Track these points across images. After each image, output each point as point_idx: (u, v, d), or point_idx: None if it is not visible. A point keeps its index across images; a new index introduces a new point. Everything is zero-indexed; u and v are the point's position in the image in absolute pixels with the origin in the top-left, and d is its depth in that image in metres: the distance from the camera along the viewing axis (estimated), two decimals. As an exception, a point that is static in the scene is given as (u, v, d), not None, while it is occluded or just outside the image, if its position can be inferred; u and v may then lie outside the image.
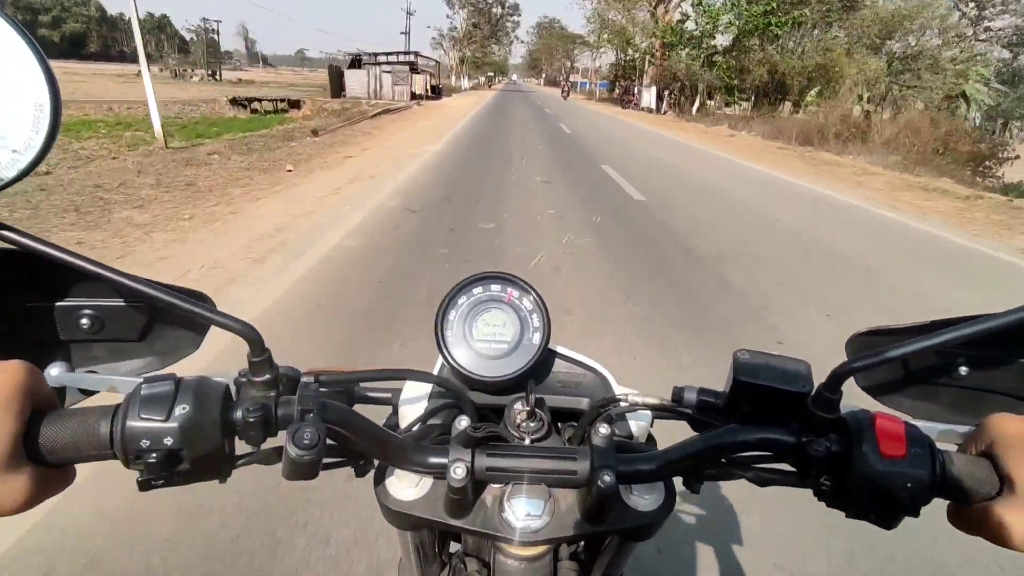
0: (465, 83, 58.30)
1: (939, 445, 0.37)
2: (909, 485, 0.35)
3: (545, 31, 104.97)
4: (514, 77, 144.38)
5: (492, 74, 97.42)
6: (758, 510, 1.69)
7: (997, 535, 0.34)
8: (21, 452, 0.31)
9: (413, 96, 27.24)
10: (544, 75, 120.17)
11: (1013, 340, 0.45)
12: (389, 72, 27.48)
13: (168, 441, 0.33)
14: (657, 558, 1.54)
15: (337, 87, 26.39)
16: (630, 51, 36.56)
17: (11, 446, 0.30)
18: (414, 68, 28.69)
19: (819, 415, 0.38)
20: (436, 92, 32.27)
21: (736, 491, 1.72)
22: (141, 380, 0.35)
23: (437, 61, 41.15)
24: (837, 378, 0.37)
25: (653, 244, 4.61)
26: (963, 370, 0.46)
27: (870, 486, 0.36)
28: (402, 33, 46.27)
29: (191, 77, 52.30)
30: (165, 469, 0.34)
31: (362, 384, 0.51)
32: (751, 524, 1.66)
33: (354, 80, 27.27)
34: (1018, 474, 0.33)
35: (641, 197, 6.44)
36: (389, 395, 0.51)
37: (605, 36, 40.34)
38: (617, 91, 38.91)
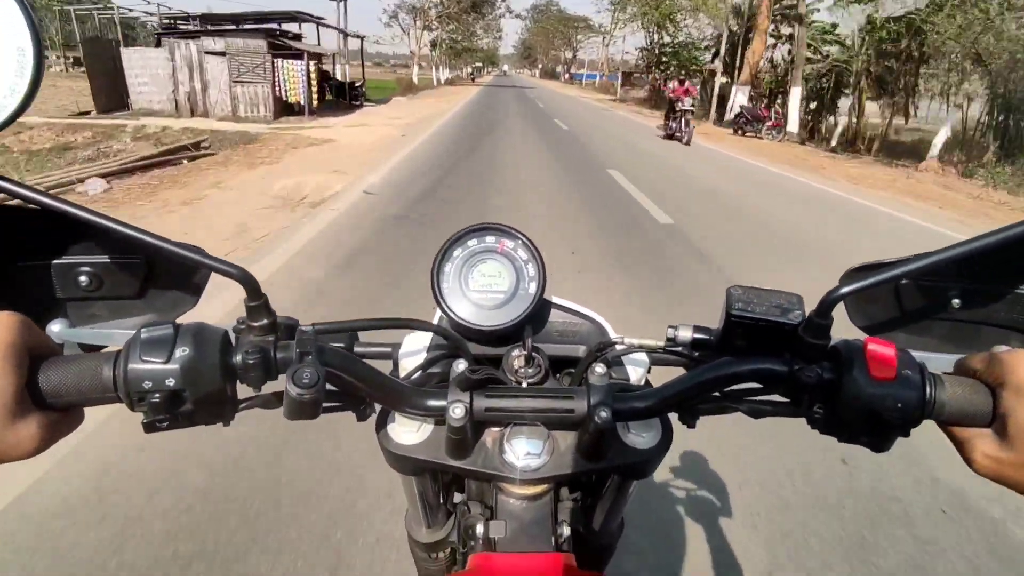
0: (441, 75, 42.60)
1: (932, 370, 0.38)
2: (899, 406, 0.35)
3: (541, 14, 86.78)
4: (505, 68, 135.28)
5: (480, 64, 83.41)
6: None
7: (975, 463, 0.35)
8: (26, 400, 0.32)
9: (284, 106, 13.03)
10: (540, 66, 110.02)
11: (1000, 270, 0.45)
12: (224, 56, 12.43)
13: (170, 382, 0.34)
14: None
15: (110, 89, 12.53)
16: (671, 29, 27.10)
17: (14, 396, 0.31)
18: (278, 47, 12.85)
19: (811, 342, 0.38)
20: (350, 95, 16.69)
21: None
22: (140, 327, 0.36)
23: (358, 37, 21.82)
24: (827, 304, 0.37)
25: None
26: (955, 302, 0.47)
27: (861, 409, 0.36)
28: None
29: None
30: (169, 410, 0.34)
31: (362, 340, 0.52)
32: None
33: (144, 72, 12.70)
34: (1016, 415, 0.33)
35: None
36: (388, 349, 0.52)
37: (631, 10, 31.13)
38: (658, 88, 22.96)
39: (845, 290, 0.37)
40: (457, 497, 0.57)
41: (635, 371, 0.50)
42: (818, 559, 1.52)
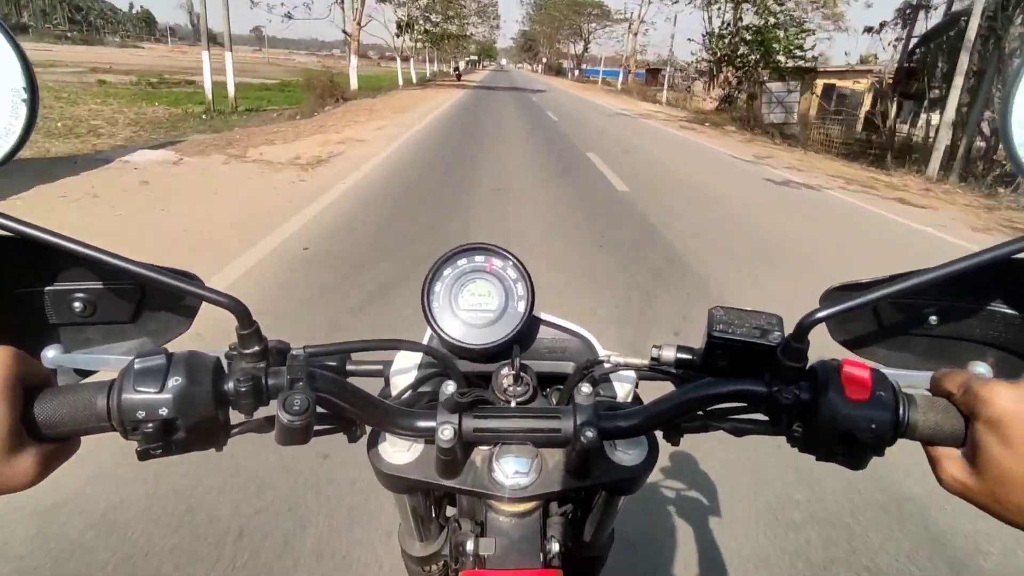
0: (414, 71, 29.61)
1: (909, 390, 0.39)
2: (873, 426, 0.37)
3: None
4: (503, 62, 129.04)
5: (474, 57, 74.81)
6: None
7: (944, 480, 0.37)
8: (22, 432, 0.33)
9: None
10: (544, 60, 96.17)
11: (979, 288, 0.46)
12: None
13: (163, 411, 0.34)
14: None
15: None
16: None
17: (9, 430, 0.32)
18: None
19: (788, 365, 0.39)
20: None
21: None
22: (134, 357, 0.37)
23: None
24: (803, 328, 0.38)
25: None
26: (932, 319, 0.48)
27: (836, 429, 0.37)
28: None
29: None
30: (162, 438, 0.35)
31: (354, 358, 0.53)
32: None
33: None
34: (985, 440, 0.33)
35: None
36: (380, 367, 0.53)
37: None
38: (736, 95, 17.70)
39: (821, 314, 0.38)
40: (450, 511, 0.58)
41: (622, 387, 0.51)
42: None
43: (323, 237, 3.96)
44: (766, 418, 0.42)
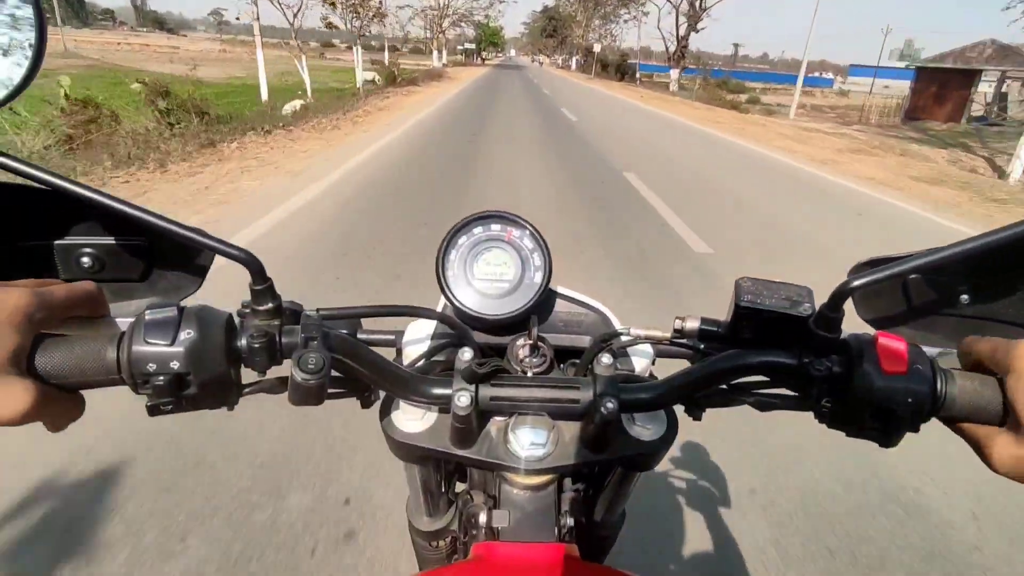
0: (361, 73, 15.81)
1: (942, 365, 0.37)
2: (910, 400, 0.35)
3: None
4: (512, 53, 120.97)
5: (475, 45, 56.80)
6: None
7: (992, 461, 0.34)
8: (22, 365, 0.32)
9: None
10: (569, 51, 67.54)
11: (1013, 267, 0.45)
12: None
13: (175, 365, 0.33)
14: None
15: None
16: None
17: (11, 358, 0.31)
18: None
19: (821, 335, 0.38)
20: None
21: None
22: (145, 308, 0.35)
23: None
24: (838, 297, 0.37)
25: None
26: (964, 298, 0.46)
27: (871, 403, 0.36)
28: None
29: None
30: (173, 393, 0.34)
31: (365, 326, 0.52)
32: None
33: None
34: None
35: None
36: (392, 337, 0.52)
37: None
38: None
39: (857, 283, 0.36)
40: (459, 486, 0.57)
41: (640, 362, 0.50)
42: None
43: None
44: (793, 393, 0.41)
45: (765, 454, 1.92)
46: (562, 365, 0.51)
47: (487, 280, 0.49)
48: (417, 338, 0.50)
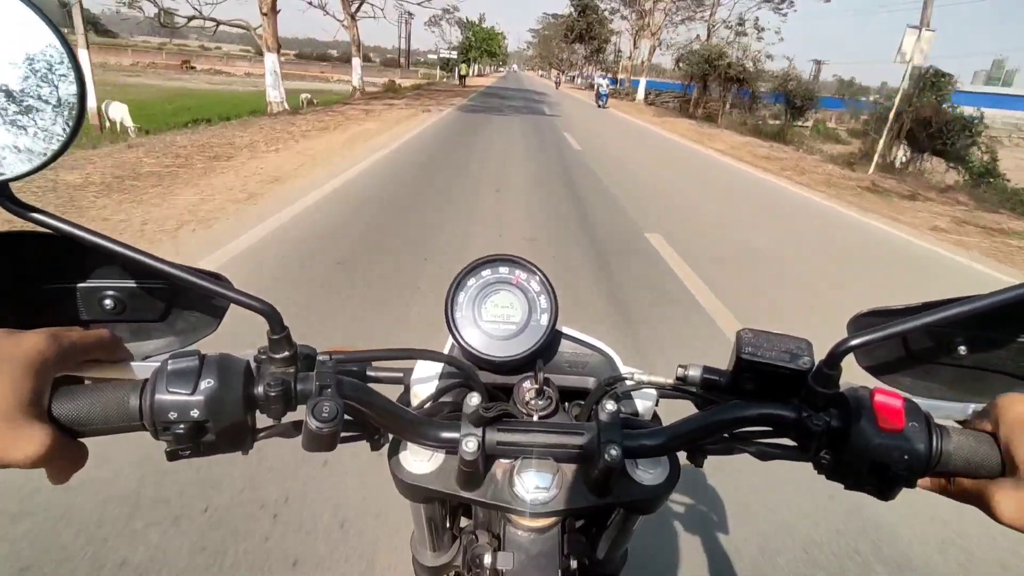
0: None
1: (939, 421, 0.39)
2: (906, 458, 0.36)
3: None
4: (515, 67, 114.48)
5: (463, 59, 38.04)
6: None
7: (999, 513, 0.35)
8: (42, 409, 0.33)
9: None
10: (604, 65, 51.18)
11: (1011, 319, 0.46)
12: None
13: (195, 413, 0.35)
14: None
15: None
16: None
17: (28, 401, 0.31)
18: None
19: (819, 391, 0.39)
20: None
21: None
22: (168, 356, 0.37)
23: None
24: (836, 355, 0.38)
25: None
26: (962, 349, 0.47)
27: (868, 459, 0.37)
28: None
29: None
30: (192, 440, 0.35)
31: (374, 364, 0.53)
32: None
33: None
34: (1019, 451, 0.33)
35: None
36: (400, 375, 0.53)
37: None
38: None
39: (855, 342, 0.37)
40: (464, 522, 0.58)
41: (643, 404, 0.51)
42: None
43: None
44: (793, 443, 0.42)
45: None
46: (567, 405, 0.52)
47: (494, 322, 0.50)
48: (425, 376, 0.51)
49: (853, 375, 0.43)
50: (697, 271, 4.00)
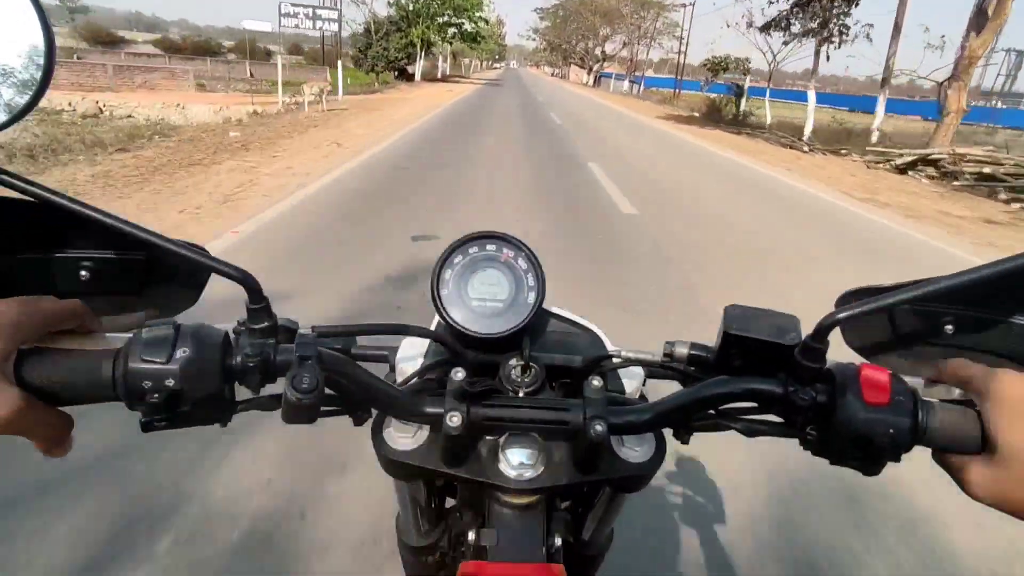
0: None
1: (924, 397, 0.38)
2: (891, 431, 0.36)
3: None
4: (513, 63, 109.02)
5: (439, 47, 28.99)
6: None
7: (971, 488, 0.36)
8: (8, 374, 0.32)
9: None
10: (612, 56, 46.67)
11: (996, 298, 0.46)
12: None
13: (170, 383, 0.34)
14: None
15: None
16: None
17: None
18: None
19: (806, 365, 0.39)
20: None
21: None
22: (142, 327, 0.36)
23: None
24: (823, 329, 0.37)
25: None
26: (948, 328, 0.47)
27: (853, 433, 0.37)
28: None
29: None
30: (167, 410, 0.34)
31: (360, 343, 0.52)
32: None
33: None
34: (1003, 435, 0.34)
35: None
36: (386, 353, 0.52)
37: None
38: None
39: (841, 316, 0.37)
40: (449, 503, 0.58)
41: (630, 383, 0.51)
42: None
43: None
44: (780, 420, 0.42)
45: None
46: (554, 384, 0.51)
47: (481, 299, 0.50)
48: (411, 355, 0.51)
49: (842, 358, 0.42)
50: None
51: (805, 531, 1.69)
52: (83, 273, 0.44)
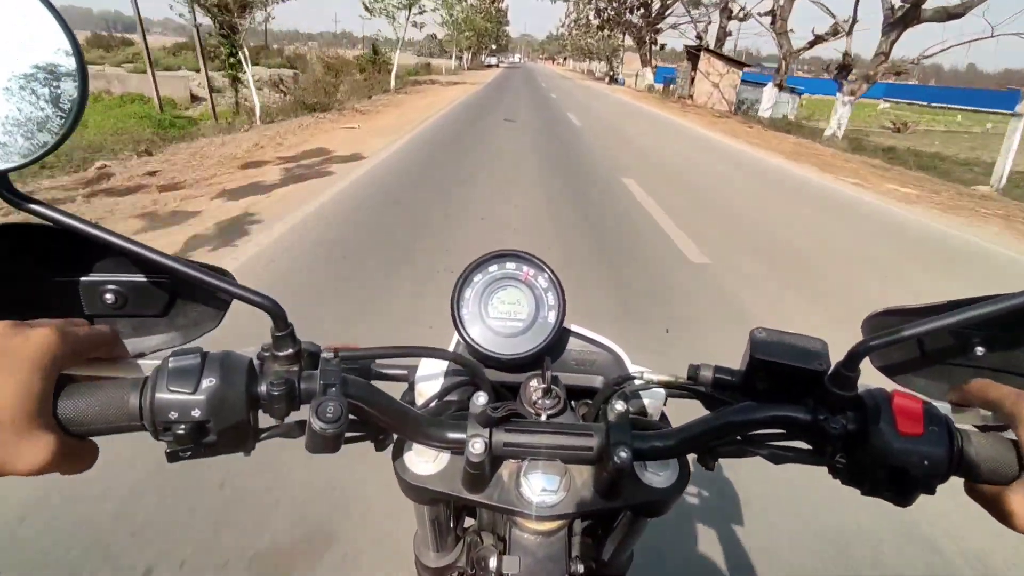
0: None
1: (957, 424, 0.37)
2: (926, 463, 0.35)
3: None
4: (517, 57, 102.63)
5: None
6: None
7: (1012, 520, 0.34)
8: (47, 412, 0.31)
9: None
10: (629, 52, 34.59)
11: None
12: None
13: (196, 413, 0.34)
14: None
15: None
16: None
17: (37, 404, 0.30)
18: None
19: (836, 393, 0.38)
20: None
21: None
22: (169, 353, 0.36)
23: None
24: (855, 356, 0.37)
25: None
26: (979, 350, 0.46)
27: (887, 464, 0.36)
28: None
29: None
30: (193, 440, 0.34)
31: (378, 361, 0.52)
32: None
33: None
34: None
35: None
36: (405, 372, 0.52)
37: None
38: None
39: (875, 343, 0.36)
40: (468, 522, 0.57)
41: (651, 402, 0.50)
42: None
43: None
44: (807, 446, 0.41)
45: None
46: (574, 403, 0.51)
47: (501, 319, 0.49)
48: (430, 374, 0.50)
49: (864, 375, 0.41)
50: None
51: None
52: (108, 297, 0.44)
